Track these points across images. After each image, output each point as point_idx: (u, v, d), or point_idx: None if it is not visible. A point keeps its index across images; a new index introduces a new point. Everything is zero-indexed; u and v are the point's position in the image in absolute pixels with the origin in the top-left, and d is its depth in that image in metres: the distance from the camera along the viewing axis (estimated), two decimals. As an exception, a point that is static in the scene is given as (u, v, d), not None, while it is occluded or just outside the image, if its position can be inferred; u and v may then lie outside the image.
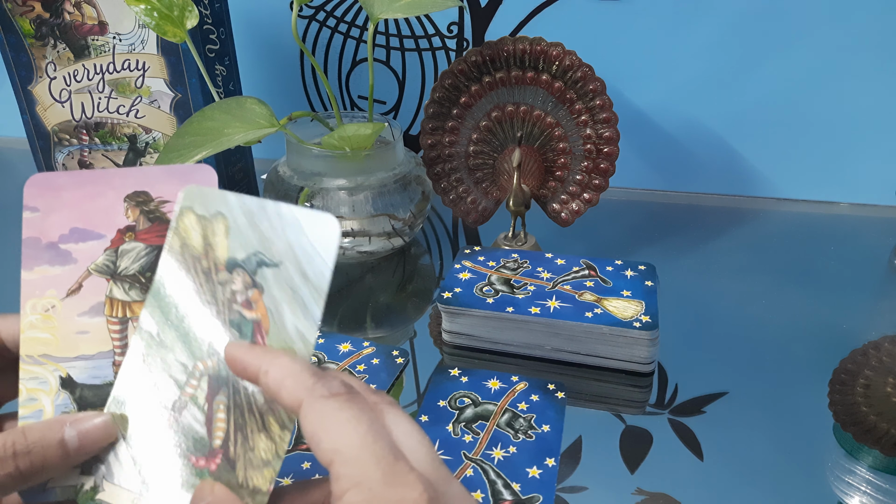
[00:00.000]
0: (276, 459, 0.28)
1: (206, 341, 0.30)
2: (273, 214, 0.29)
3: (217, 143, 0.54)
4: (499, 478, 0.44)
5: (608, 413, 0.51)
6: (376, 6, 0.60)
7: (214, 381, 0.29)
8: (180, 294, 0.30)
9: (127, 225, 0.32)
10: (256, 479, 0.28)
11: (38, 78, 0.72)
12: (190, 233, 0.31)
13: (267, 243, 0.29)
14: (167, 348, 0.30)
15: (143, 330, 0.31)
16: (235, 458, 0.28)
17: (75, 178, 0.33)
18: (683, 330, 0.60)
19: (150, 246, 0.32)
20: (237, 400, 0.29)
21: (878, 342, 0.49)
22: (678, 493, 0.44)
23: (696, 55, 0.77)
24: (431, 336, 0.60)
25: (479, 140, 0.68)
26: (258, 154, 0.82)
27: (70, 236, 0.32)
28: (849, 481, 0.45)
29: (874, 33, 0.72)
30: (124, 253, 0.32)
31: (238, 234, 0.30)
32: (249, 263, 0.30)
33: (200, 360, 0.30)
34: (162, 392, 0.30)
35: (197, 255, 0.30)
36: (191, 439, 0.29)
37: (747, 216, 0.80)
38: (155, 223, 0.32)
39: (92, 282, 0.32)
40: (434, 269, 0.71)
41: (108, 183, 0.33)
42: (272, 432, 0.28)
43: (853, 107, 0.76)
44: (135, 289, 0.32)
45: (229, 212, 0.30)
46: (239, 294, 0.30)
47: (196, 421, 0.29)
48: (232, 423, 0.29)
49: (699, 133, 0.81)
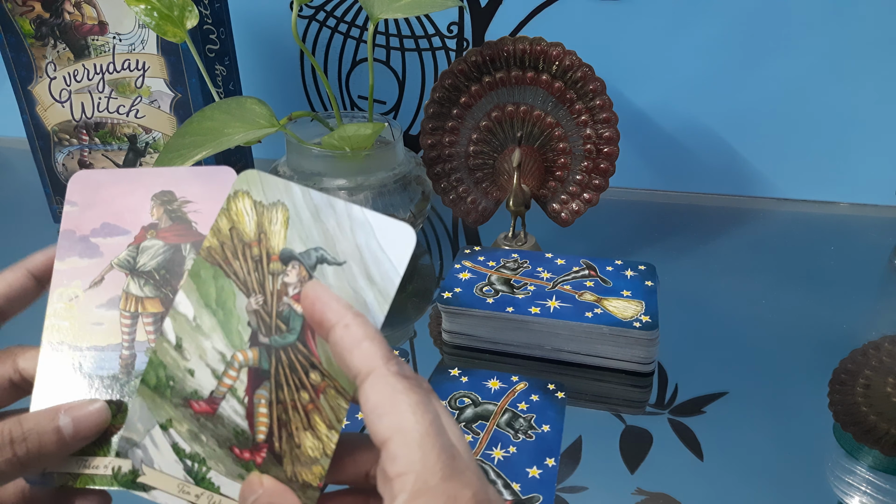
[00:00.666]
0: (325, 458, 0.28)
1: (248, 331, 0.29)
2: (342, 213, 0.29)
3: (217, 143, 0.54)
4: (499, 478, 0.44)
5: (608, 413, 0.51)
6: (376, 6, 0.60)
7: (256, 374, 0.29)
8: (222, 279, 0.30)
9: (151, 223, 0.33)
10: (305, 475, 0.28)
11: (38, 78, 0.72)
12: (242, 217, 0.30)
13: (331, 241, 0.29)
14: (204, 334, 0.29)
15: (178, 313, 0.30)
16: (281, 453, 0.28)
17: (113, 175, 0.34)
18: (683, 330, 0.60)
19: (168, 244, 0.33)
20: (280, 396, 0.28)
21: (878, 342, 0.49)
22: (678, 493, 0.44)
23: (696, 55, 0.77)
24: (431, 336, 0.60)
25: (479, 140, 0.68)
26: (258, 154, 0.82)
27: (101, 230, 0.33)
28: (849, 481, 0.45)
29: (874, 33, 0.72)
30: (144, 249, 0.33)
31: (299, 226, 0.29)
32: (308, 258, 0.29)
33: (240, 350, 0.29)
34: (197, 380, 0.29)
35: (247, 240, 0.30)
36: (232, 431, 0.29)
37: (747, 216, 0.80)
38: (176, 222, 0.33)
39: (113, 275, 0.33)
40: (434, 269, 0.71)
41: (140, 181, 0.34)
42: (319, 431, 0.28)
43: (853, 107, 0.76)
44: (149, 285, 0.32)
45: (292, 203, 0.30)
46: (291, 287, 0.29)
47: (236, 414, 0.29)
48: (275, 418, 0.28)
49: (699, 133, 0.81)
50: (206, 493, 0.29)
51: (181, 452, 0.29)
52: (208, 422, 0.29)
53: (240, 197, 0.30)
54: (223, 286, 0.30)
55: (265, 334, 0.29)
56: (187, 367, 0.29)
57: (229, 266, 0.30)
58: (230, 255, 0.30)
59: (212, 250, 0.30)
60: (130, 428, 0.30)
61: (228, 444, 0.29)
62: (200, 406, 0.29)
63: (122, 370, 0.31)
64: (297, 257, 0.29)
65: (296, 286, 0.29)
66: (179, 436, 0.29)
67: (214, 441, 0.29)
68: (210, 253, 0.30)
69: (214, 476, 0.29)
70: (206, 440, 0.29)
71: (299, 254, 0.29)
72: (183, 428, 0.29)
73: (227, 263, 0.30)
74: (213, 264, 0.30)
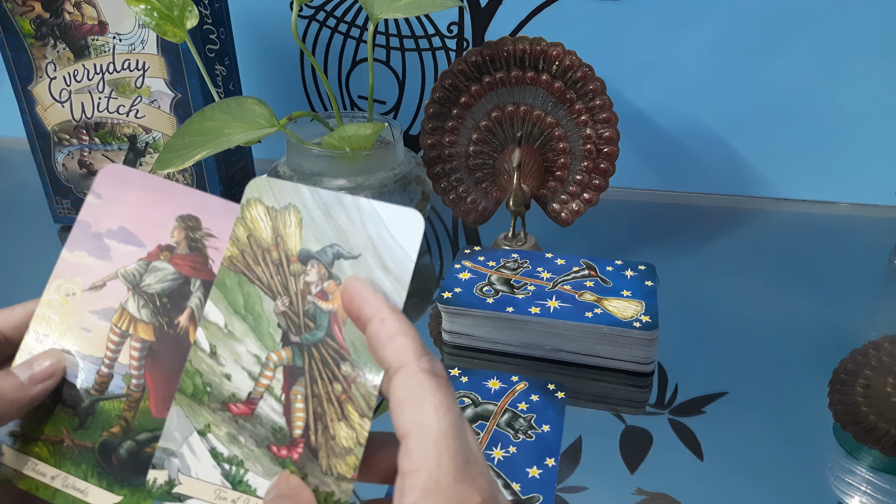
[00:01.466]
0: (358, 447, 0.28)
1: (279, 332, 0.30)
2: (351, 208, 0.30)
3: (217, 143, 0.54)
4: (499, 478, 0.44)
5: (608, 413, 0.51)
6: (376, 6, 0.60)
7: (290, 371, 0.30)
8: (247, 285, 0.30)
9: (168, 244, 0.32)
10: (340, 467, 0.28)
11: (38, 78, 0.72)
12: (258, 224, 0.31)
13: (344, 236, 0.30)
14: (237, 339, 0.30)
15: (209, 322, 0.30)
16: (317, 447, 0.29)
17: (146, 180, 0.33)
18: (683, 330, 0.60)
19: (179, 273, 0.32)
20: (314, 390, 0.29)
21: (878, 342, 0.49)
22: (678, 494, 0.44)
23: (696, 55, 0.77)
24: (431, 336, 0.60)
25: (479, 140, 0.68)
26: (258, 154, 0.82)
27: (117, 233, 0.32)
28: (849, 481, 0.45)
29: (874, 33, 0.72)
30: (154, 269, 0.32)
31: (312, 226, 0.30)
32: (325, 255, 0.30)
33: (274, 351, 0.30)
34: (235, 384, 0.30)
35: (265, 246, 0.31)
36: (270, 429, 0.29)
37: (747, 216, 0.80)
38: (193, 252, 0.32)
39: (115, 285, 0.32)
40: (434, 269, 0.71)
41: (171, 196, 0.32)
42: (352, 420, 0.28)
43: (853, 107, 0.76)
44: (147, 309, 0.31)
45: (303, 204, 0.31)
46: (314, 285, 0.30)
47: (274, 412, 0.29)
48: (311, 412, 0.29)
49: (699, 133, 0.81)
50: (242, 496, 0.29)
51: (219, 457, 0.29)
52: (247, 423, 0.30)
53: (252, 205, 0.31)
54: (249, 292, 0.30)
55: (295, 333, 0.30)
56: (223, 373, 0.30)
57: (252, 272, 0.31)
58: (251, 261, 0.31)
59: (233, 259, 0.31)
60: (168, 438, 0.30)
61: (266, 442, 0.29)
62: (239, 408, 0.30)
63: (95, 387, 0.31)
64: (315, 256, 0.30)
65: (317, 284, 0.30)
66: (218, 440, 0.30)
67: (253, 441, 0.29)
68: (232, 262, 0.31)
69: (251, 478, 0.29)
70: (244, 441, 0.30)
71: (316, 252, 0.30)
72: (221, 431, 0.30)
73: (250, 270, 0.31)
74: (237, 272, 0.31)
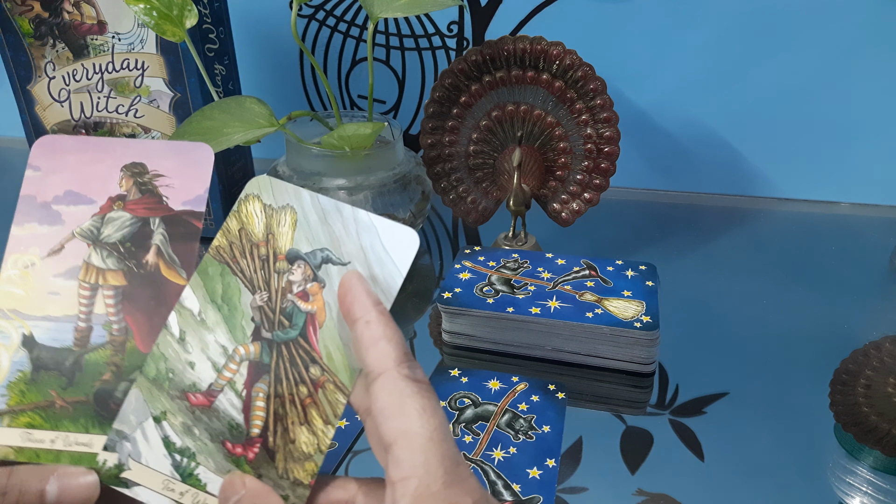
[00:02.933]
0: (318, 454, 0.28)
1: (251, 326, 0.30)
2: (349, 217, 0.30)
3: (216, 142, 0.54)
4: (499, 479, 0.44)
5: (609, 413, 0.51)
6: (376, 5, 0.60)
7: (255, 367, 0.29)
8: (228, 276, 0.30)
9: (118, 194, 0.32)
10: (297, 472, 0.28)
11: (37, 77, 0.71)
12: (252, 219, 0.31)
13: (337, 243, 0.30)
14: (208, 328, 0.30)
15: (183, 308, 0.30)
16: (275, 448, 0.28)
17: (80, 143, 0.33)
18: (684, 330, 0.59)
19: (136, 217, 0.32)
20: (279, 390, 0.29)
21: (879, 342, 0.48)
22: (679, 494, 0.44)
23: (696, 55, 0.77)
24: (431, 336, 0.60)
25: (479, 140, 0.67)
26: (257, 154, 0.82)
27: (63, 198, 0.32)
28: (850, 482, 0.45)
29: (875, 33, 0.72)
30: (110, 221, 0.32)
31: (307, 228, 0.30)
32: (314, 258, 0.30)
33: (242, 345, 0.30)
34: (197, 373, 0.29)
35: (255, 241, 0.31)
36: (226, 425, 0.29)
37: (748, 216, 0.80)
38: (146, 195, 0.32)
39: (73, 245, 0.32)
40: (434, 269, 0.71)
41: (109, 151, 0.33)
42: (315, 426, 0.28)
43: (853, 107, 0.76)
44: (112, 257, 0.32)
45: (300, 207, 0.31)
46: (296, 284, 0.30)
47: (233, 407, 0.29)
48: (272, 412, 0.29)
49: (700, 133, 0.81)
50: (191, 490, 0.29)
51: (171, 446, 0.29)
52: (203, 415, 0.29)
53: (250, 200, 0.31)
54: (229, 283, 0.30)
55: (268, 329, 0.30)
56: (188, 360, 0.30)
57: (236, 264, 0.31)
58: (238, 253, 0.31)
59: (220, 249, 0.31)
60: (123, 420, 0.29)
61: (221, 437, 0.29)
62: (197, 398, 0.29)
63: (77, 342, 0.31)
64: (303, 257, 0.30)
65: (300, 284, 0.30)
66: (172, 429, 0.29)
67: (207, 435, 0.29)
68: (219, 251, 0.31)
69: (202, 472, 0.29)
70: (198, 433, 0.29)
71: (305, 253, 0.30)
72: (177, 421, 0.29)
73: (235, 262, 0.31)
74: (221, 262, 0.31)
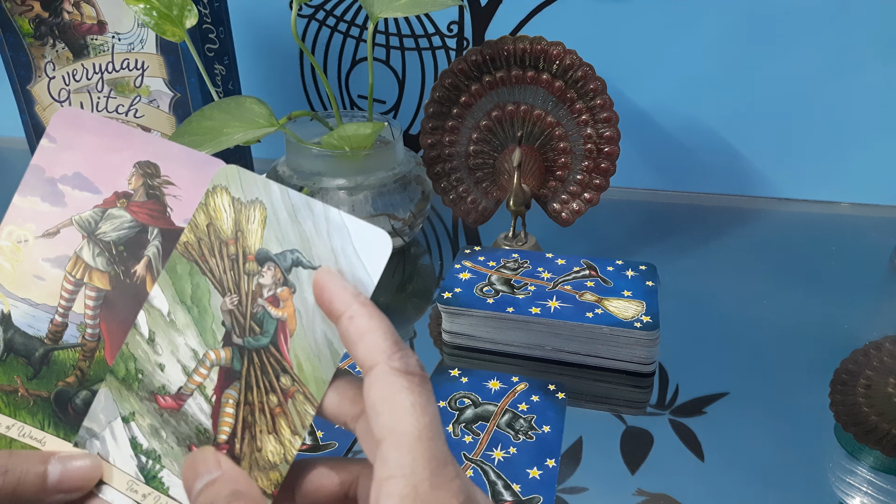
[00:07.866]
0: (284, 464, 0.27)
1: (222, 330, 0.29)
2: (320, 216, 0.28)
3: (216, 142, 0.54)
4: (499, 479, 0.44)
5: (609, 414, 0.51)
6: (376, 5, 0.60)
7: (226, 373, 0.28)
8: (198, 276, 0.29)
9: (125, 191, 0.31)
10: (262, 481, 0.27)
11: (37, 77, 0.71)
12: (220, 213, 0.29)
13: (307, 244, 0.28)
14: (178, 330, 0.29)
15: (152, 307, 0.29)
16: (241, 456, 0.28)
17: (101, 124, 0.31)
18: (684, 330, 0.59)
19: (136, 221, 0.31)
20: (248, 397, 0.28)
21: (879, 342, 0.48)
22: (679, 494, 0.44)
23: (696, 55, 0.77)
24: (431, 336, 0.60)
25: (479, 139, 0.67)
26: (257, 154, 0.82)
27: (72, 179, 0.31)
28: (850, 482, 0.45)
29: (874, 33, 0.72)
30: (110, 217, 0.31)
31: (276, 226, 0.29)
32: (284, 260, 0.28)
33: (213, 349, 0.29)
34: (167, 375, 0.29)
35: (224, 238, 0.29)
36: (194, 429, 0.28)
37: (748, 216, 0.80)
38: (151, 200, 0.31)
39: (69, 232, 0.31)
40: (434, 269, 0.71)
41: (129, 142, 0.31)
42: (282, 436, 0.27)
43: (853, 107, 0.76)
44: (102, 256, 0.30)
45: (270, 202, 0.29)
46: (266, 289, 0.28)
47: (202, 412, 0.28)
48: (241, 419, 0.28)
49: (700, 133, 0.81)
50: (153, 493, 0.28)
51: (138, 447, 0.29)
52: (171, 418, 0.29)
53: (218, 192, 0.30)
54: (199, 283, 0.29)
55: (239, 335, 0.29)
56: (158, 362, 0.29)
57: (206, 263, 0.29)
58: (207, 251, 0.29)
59: (189, 245, 0.30)
60: (93, 418, 0.29)
61: (188, 441, 0.28)
62: (166, 401, 0.29)
63: (50, 335, 0.30)
64: (273, 259, 0.29)
65: (270, 288, 0.29)
66: (140, 430, 0.29)
67: (174, 438, 0.29)
68: (187, 248, 0.30)
69: (166, 476, 0.28)
70: (165, 436, 0.29)
71: (275, 255, 0.29)
72: (145, 422, 0.29)
73: (204, 260, 0.29)
74: (190, 260, 0.29)
